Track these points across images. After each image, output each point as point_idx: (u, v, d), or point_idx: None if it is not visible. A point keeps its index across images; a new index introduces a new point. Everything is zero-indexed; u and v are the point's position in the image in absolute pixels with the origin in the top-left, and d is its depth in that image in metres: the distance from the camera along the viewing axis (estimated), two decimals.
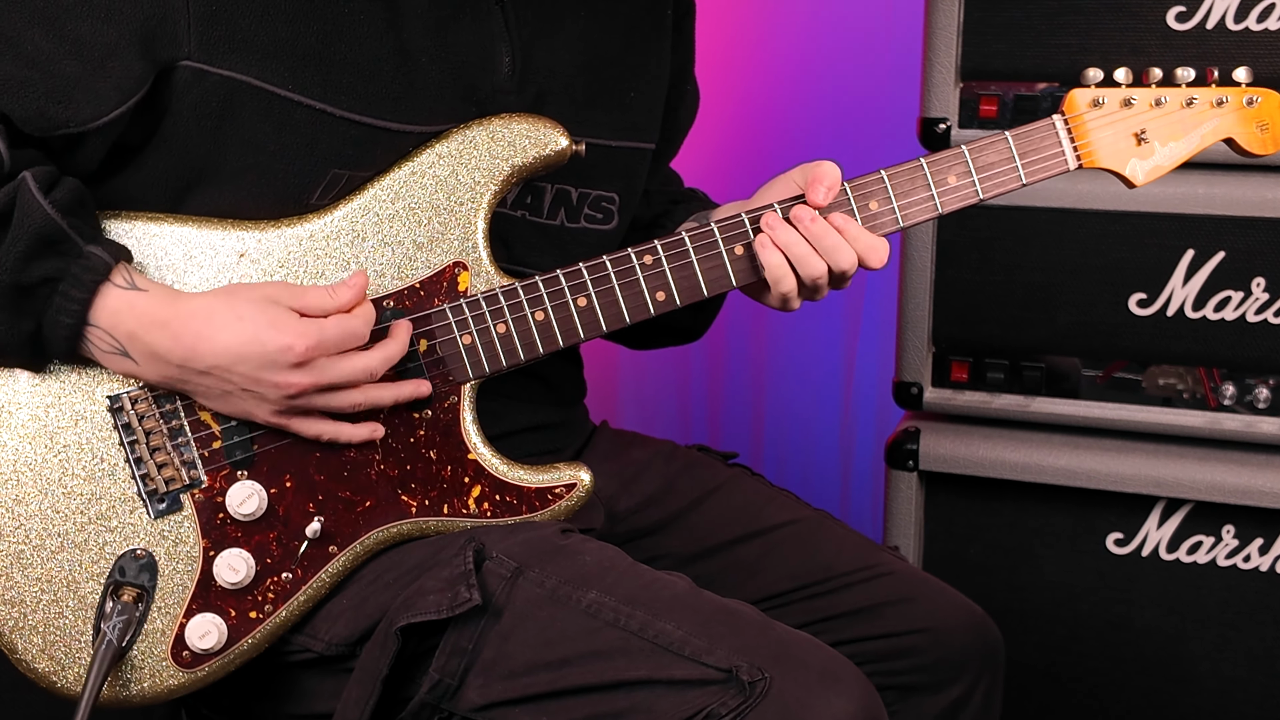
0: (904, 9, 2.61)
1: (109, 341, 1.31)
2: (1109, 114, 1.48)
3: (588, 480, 1.43)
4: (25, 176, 1.27)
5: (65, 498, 1.35)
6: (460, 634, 1.31)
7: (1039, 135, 1.47)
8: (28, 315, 1.29)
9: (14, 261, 1.26)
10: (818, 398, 2.93)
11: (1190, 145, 1.50)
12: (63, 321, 1.29)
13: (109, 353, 1.32)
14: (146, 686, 1.37)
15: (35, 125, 1.30)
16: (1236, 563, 2.03)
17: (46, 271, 1.27)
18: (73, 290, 1.28)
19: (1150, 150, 1.49)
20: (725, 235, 1.43)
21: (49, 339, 1.30)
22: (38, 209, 1.26)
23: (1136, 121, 1.48)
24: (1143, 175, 1.50)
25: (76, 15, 1.29)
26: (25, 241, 1.26)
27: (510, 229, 1.50)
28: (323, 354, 1.31)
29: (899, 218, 1.45)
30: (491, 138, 1.41)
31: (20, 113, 1.29)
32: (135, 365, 1.32)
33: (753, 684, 1.23)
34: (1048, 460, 2.06)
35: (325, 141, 1.36)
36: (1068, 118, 1.47)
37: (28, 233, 1.26)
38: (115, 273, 1.30)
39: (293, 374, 1.30)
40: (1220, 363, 2.01)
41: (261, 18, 1.32)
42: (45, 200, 1.27)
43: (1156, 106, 1.48)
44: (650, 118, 1.62)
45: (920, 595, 1.55)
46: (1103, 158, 1.49)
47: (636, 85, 1.59)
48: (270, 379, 1.30)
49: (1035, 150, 1.47)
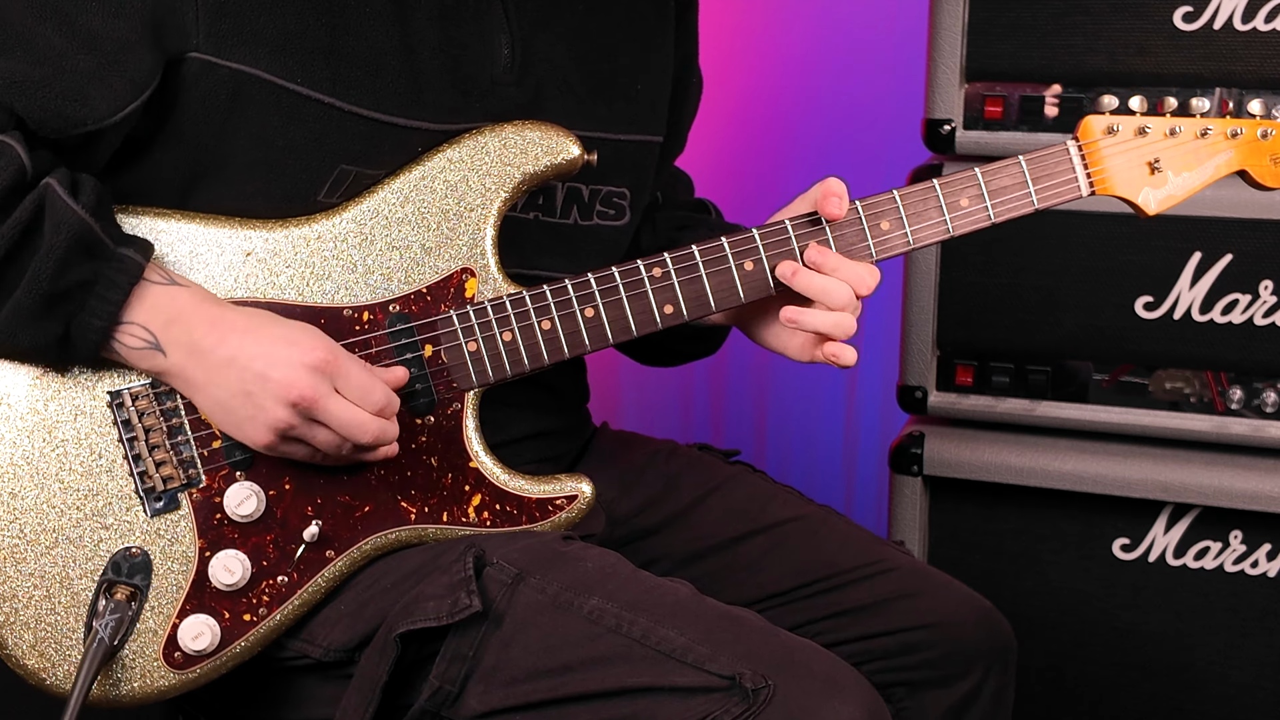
0: (908, 9, 2.61)
1: (143, 336, 1.30)
2: (1123, 141, 1.48)
3: (589, 492, 1.42)
4: (50, 183, 1.26)
5: (61, 493, 1.35)
6: (461, 641, 1.30)
7: (1052, 160, 1.47)
8: (58, 319, 1.28)
9: (52, 268, 1.25)
10: (821, 402, 2.93)
11: (1203, 176, 1.50)
12: (93, 325, 1.28)
13: (138, 348, 1.31)
14: (137, 686, 1.37)
15: (52, 126, 1.29)
16: (1244, 568, 2.03)
17: (81, 276, 1.27)
18: (108, 293, 1.28)
19: (1164, 180, 1.49)
20: (735, 251, 1.43)
21: (75, 341, 1.30)
22: (70, 214, 1.26)
23: (1150, 150, 1.49)
24: (1155, 204, 1.50)
25: (87, 10, 1.28)
26: (63, 248, 1.25)
27: (522, 233, 1.49)
28: (336, 377, 1.30)
29: (910, 240, 1.46)
30: (503, 144, 1.41)
31: (37, 114, 1.28)
32: (163, 358, 1.31)
33: (756, 691, 1.22)
34: (1053, 465, 2.05)
35: (333, 136, 1.36)
36: (1082, 144, 1.48)
37: (65, 239, 1.25)
38: (150, 270, 1.30)
39: (302, 375, 1.29)
40: (1228, 366, 2.01)
41: (270, 11, 1.32)
42: (76, 204, 1.26)
43: (1171, 136, 1.49)
44: (655, 111, 1.61)
45: (926, 589, 1.55)
46: (1116, 185, 1.49)
47: (641, 78, 1.58)
48: (280, 376, 1.28)
49: (1048, 175, 1.47)
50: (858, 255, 1.45)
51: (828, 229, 1.44)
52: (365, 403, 1.32)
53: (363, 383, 1.32)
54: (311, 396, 1.29)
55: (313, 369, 1.29)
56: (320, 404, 1.29)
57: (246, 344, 1.29)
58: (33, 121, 1.28)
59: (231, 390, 1.30)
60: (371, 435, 1.32)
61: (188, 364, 1.31)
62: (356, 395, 1.32)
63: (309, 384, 1.29)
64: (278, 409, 1.29)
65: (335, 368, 1.30)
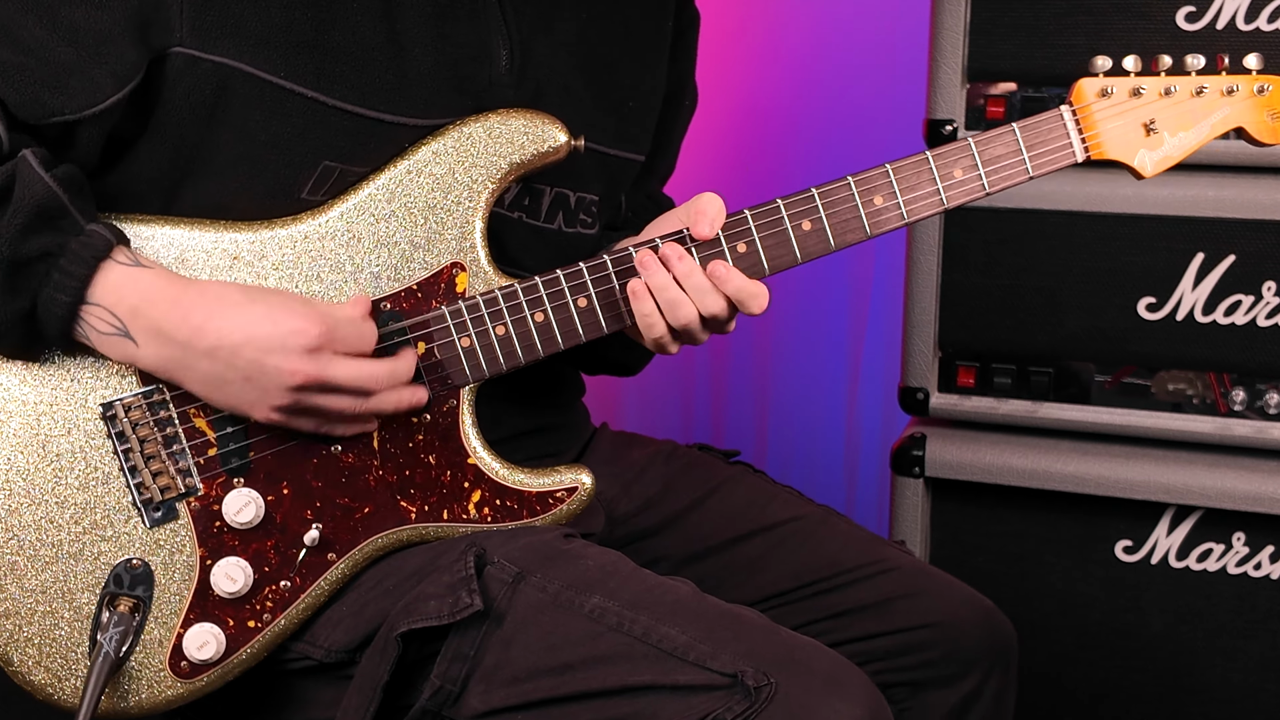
0: (910, 8, 2.60)
1: (109, 321, 1.29)
2: (1117, 104, 1.46)
3: (589, 483, 1.42)
4: (25, 153, 1.26)
5: (59, 507, 1.34)
6: (462, 640, 1.30)
7: (1046, 127, 1.45)
8: (23, 293, 1.27)
9: (13, 234, 1.24)
10: (822, 403, 2.93)
11: (1200, 135, 1.48)
12: (59, 299, 1.27)
13: (107, 334, 1.30)
14: (144, 697, 1.36)
15: (30, 112, 1.29)
16: (1247, 570, 2.02)
17: (44, 246, 1.26)
18: (71, 266, 1.27)
19: (1159, 141, 1.47)
20: (728, 234, 1.41)
21: (44, 319, 1.28)
22: (39, 181, 1.25)
23: (1145, 111, 1.47)
24: (1151, 166, 1.48)
25: (71, 3, 1.28)
26: (25, 215, 1.25)
27: (506, 229, 1.48)
28: (332, 347, 1.30)
29: (904, 213, 1.44)
30: (489, 134, 1.40)
31: (15, 98, 1.28)
32: (134, 346, 1.30)
33: (758, 689, 1.22)
34: (1056, 466, 2.05)
35: (317, 132, 1.35)
36: (1075, 108, 1.46)
37: (28, 205, 1.24)
38: (116, 251, 1.29)
39: (301, 360, 1.28)
40: (1230, 367, 2.00)
41: (255, 4, 1.32)
42: (46, 175, 1.26)
43: (1166, 95, 1.47)
44: (642, 129, 1.61)
45: (928, 589, 1.54)
46: (1111, 149, 1.47)
47: (633, 95, 1.58)
48: (276, 364, 1.28)
49: (1042, 142, 1.45)
50: (851, 231, 1.43)
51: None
52: (364, 348, 1.32)
53: (354, 332, 1.32)
54: (315, 375, 1.29)
55: (308, 351, 1.28)
56: (325, 375, 1.29)
57: (226, 330, 1.28)
58: (13, 105, 1.28)
59: (226, 377, 1.29)
60: (382, 379, 1.32)
61: (165, 357, 1.30)
62: (355, 346, 1.31)
63: (309, 366, 1.28)
64: (282, 392, 1.29)
65: (327, 337, 1.29)
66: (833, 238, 1.43)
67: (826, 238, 1.43)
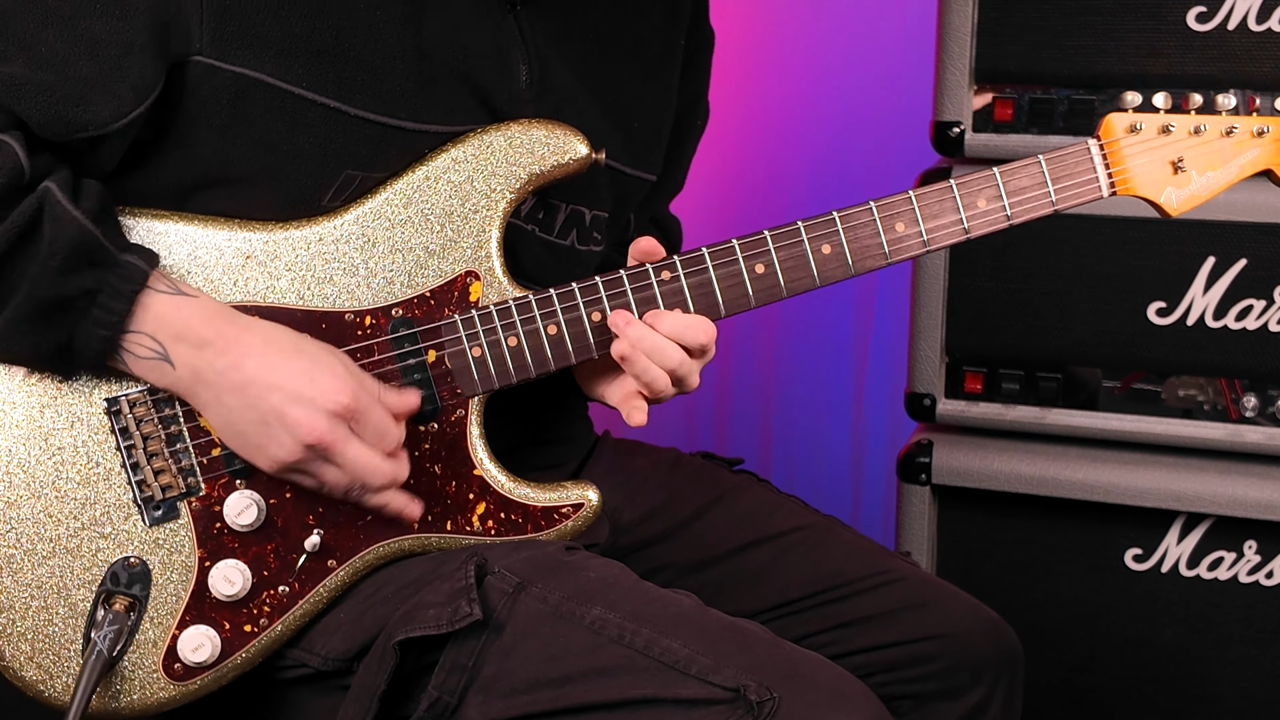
0: (917, 10, 2.61)
1: (150, 346, 1.28)
2: (1146, 140, 1.46)
3: (595, 500, 1.41)
4: (50, 186, 1.25)
5: (58, 501, 1.33)
6: (460, 650, 1.29)
7: (1072, 160, 1.45)
8: (60, 328, 1.26)
9: (52, 276, 1.24)
10: (828, 409, 2.94)
11: (1228, 175, 1.48)
12: (98, 334, 1.27)
13: (145, 358, 1.29)
14: (136, 698, 1.35)
15: (54, 130, 1.27)
16: (1259, 579, 2.02)
17: (85, 284, 1.25)
18: (112, 302, 1.26)
19: (1187, 179, 1.47)
20: (746, 255, 1.41)
21: (79, 350, 1.28)
22: (70, 220, 1.24)
23: (1174, 149, 1.47)
24: (1178, 204, 1.48)
25: (90, 14, 1.27)
26: (62, 255, 1.23)
27: (521, 241, 1.48)
28: (354, 422, 1.29)
29: (925, 240, 1.44)
30: (510, 144, 1.39)
31: (38, 117, 1.26)
32: (170, 369, 1.29)
33: (761, 703, 1.21)
34: (1064, 474, 2.05)
35: (339, 141, 1.34)
36: (1103, 143, 1.46)
37: (64, 246, 1.23)
38: (153, 279, 1.28)
39: (321, 419, 1.27)
40: (1242, 373, 2.00)
41: (276, 13, 1.31)
42: (76, 210, 1.24)
43: (1195, 134, 1.47)
44: (650, 149, 1.61)
45: (933, 600, 1.54)
46: (1138, 185, 1.47)
47: (641, 115, 1.58)
48: (297, 416, 1.27)
49: (1068, 175, 1.45)
50: (871, 257, 1.43)
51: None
52: (381, 445, 1.31)
53: (380, 425, 1.31)
54: (329, 441, 1.28)
55: (333, 415, 1.28)
56: (337, 448, 1.29)
57: (264, 372, 1.28)
58: (35, 125, 1.26)
59: (245, 416, 1.29)
60: (384, 477, 1.31)
61: (197, 381, 1.29)
62: (373, 438, 1.31)
63: (327, 428, 1.28)
64: (293, 446, 1.28)
65: (356, 412, 1.29)
66: (852, 262, 1.43)
67: (846, 261, 1.43)
